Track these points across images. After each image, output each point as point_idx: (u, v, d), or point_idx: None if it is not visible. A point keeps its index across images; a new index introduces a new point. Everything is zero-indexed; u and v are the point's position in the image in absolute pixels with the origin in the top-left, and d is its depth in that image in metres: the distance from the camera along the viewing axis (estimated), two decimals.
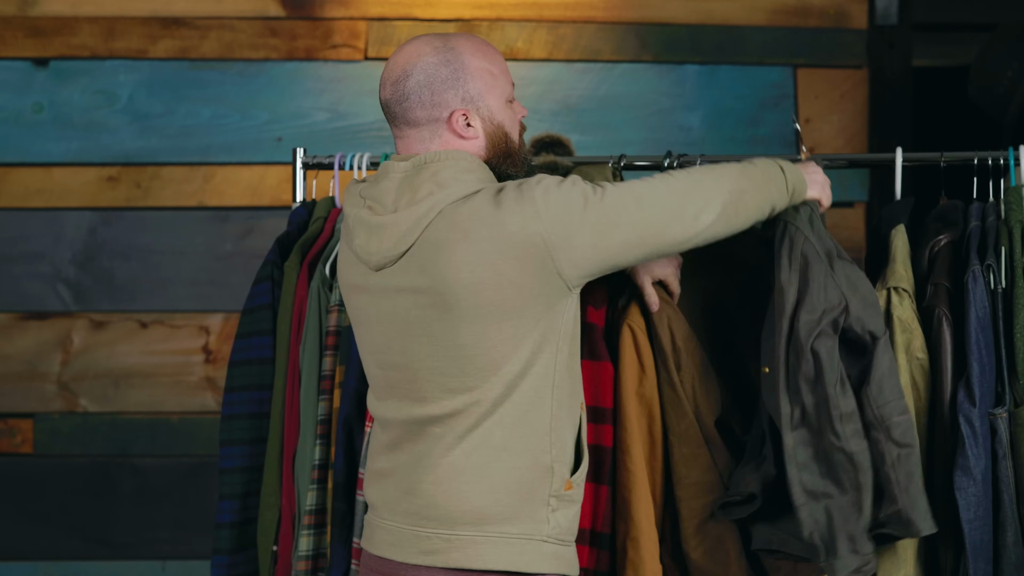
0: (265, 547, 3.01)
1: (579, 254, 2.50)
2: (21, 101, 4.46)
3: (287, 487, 2.99)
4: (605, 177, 3.00)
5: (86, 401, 4.47)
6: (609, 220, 2.50)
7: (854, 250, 4.42)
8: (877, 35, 4.52)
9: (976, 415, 2.63)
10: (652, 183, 2.56)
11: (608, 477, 2.78)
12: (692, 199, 2.56)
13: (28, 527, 4.46)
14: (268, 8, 4.50)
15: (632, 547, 2.72)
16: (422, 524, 2.56)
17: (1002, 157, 2.90)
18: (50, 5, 4.46)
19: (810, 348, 2.59)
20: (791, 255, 2.65)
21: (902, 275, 2.74)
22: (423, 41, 2.60)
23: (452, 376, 2.54)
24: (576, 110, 4.52)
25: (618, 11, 4.53)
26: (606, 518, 2.77)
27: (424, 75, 2.56)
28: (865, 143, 4.54)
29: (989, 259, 2.70)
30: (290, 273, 3.04)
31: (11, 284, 4.47)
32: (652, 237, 2.54)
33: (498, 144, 2.61)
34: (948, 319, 2.68)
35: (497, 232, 2.47)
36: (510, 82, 2.63)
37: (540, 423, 2.54)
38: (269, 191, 4.49)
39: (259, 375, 3.06)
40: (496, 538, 2.53)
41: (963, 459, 2.63)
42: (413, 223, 2.52)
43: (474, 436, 2.53)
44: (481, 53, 2.59)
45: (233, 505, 3.05)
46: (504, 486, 2.53)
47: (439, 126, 2.58)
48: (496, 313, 2.49)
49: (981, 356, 2.65)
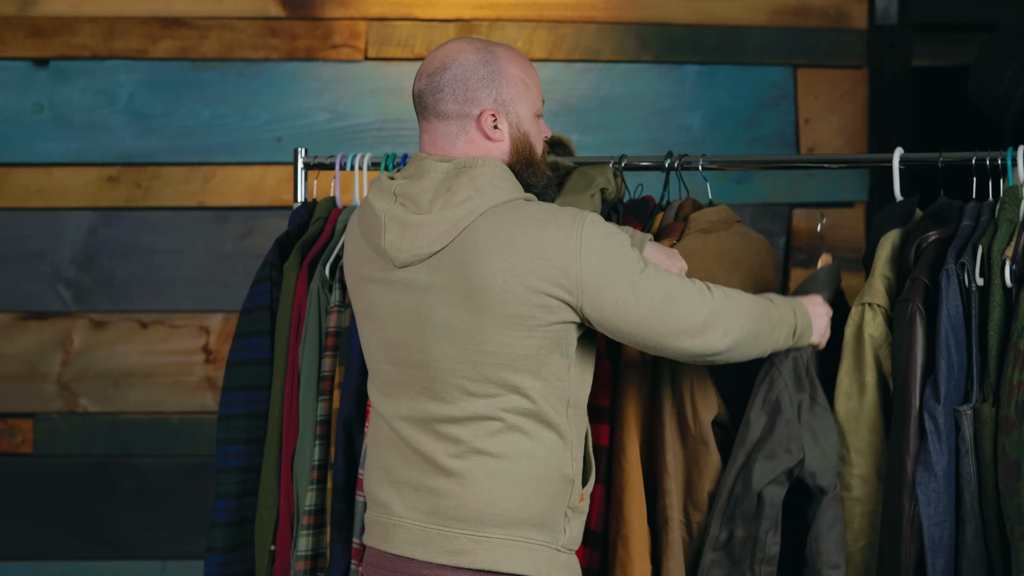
0: (263, 547, 3.02)
1: (598, 307, 2.55)
2: (21, 101, 4.46)
3: (285, 487, 2.99)
4: (606, 177, 3.00)
5: (86, 401, 4.47)
6: (632, 298, 2.55)
7: (854, 250, 4.42)
8: (877, 35, 4.52)
9: (940, 411, 2.65)
10: (689, 289, 2.61)
11: (603, 476, 2.79)
12: (713, 325, 2.60)
13: (28, 527, 4.46)
14: (268, 8, 4.50)
15: (622, 546, 2.74)
16: (449, 524, 2.57)
17: (1000, 157, 2.90)
18: (50, 5, 4.46)
19: (758, 492, 2.70)
20: (766, 396, 2.73)
21: (877, 289, 2.77)
22: (465, 41, 2.65)
23: (472, 380, 2.55)
24: (576, 110, 4.52)
25: (618, 11, 4.53)
26: (599, 517, 2.79)
27: (462, 70, 2.60)
28: (865, 143, 4.54)
29: (964, 257, 2.70)
30: (290, 274, 3.04)
31: (11, 284, 4.47)
32: (660, 337, 2.59)
33: (522, 152, 2.64)
34: (921, 314, 2.69)
35: (538, 251, 2.52)
36: (541, 99, 2.68)
37: (560, 435, 2.59)
38: (269, 191, 4.49)
39: (256, 375, 3.06)
40: (523, 543, 2.57)
41: (925, 455, 2.65)
42: (451, 224, 2.54)
43: (503, 441, 2.56)
44: (519, 63, 2.65)
45: (228, 504, 3.05)
46: (534, 493, 2.57)
47: (468, 122, 2.61)
48: (522, 326, 2.53)
49: (950, 354, 2.66)
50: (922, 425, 2.66)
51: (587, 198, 2.95)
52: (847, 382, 2.77)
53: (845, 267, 3.00)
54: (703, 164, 3.02)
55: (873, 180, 4.52)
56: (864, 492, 2.76)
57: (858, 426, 2.76)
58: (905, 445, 2.67)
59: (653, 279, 2.58)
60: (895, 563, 2.69)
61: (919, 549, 2.67)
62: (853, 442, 2.76)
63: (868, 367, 2.75)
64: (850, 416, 2.77)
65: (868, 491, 2.76)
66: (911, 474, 2.66)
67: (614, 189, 3.02)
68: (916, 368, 2.68)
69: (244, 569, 3.07)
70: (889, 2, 4.52)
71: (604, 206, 3.00)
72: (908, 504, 2.67)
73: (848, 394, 2.77)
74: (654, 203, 3.04)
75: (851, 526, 2.76)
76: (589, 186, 2.97)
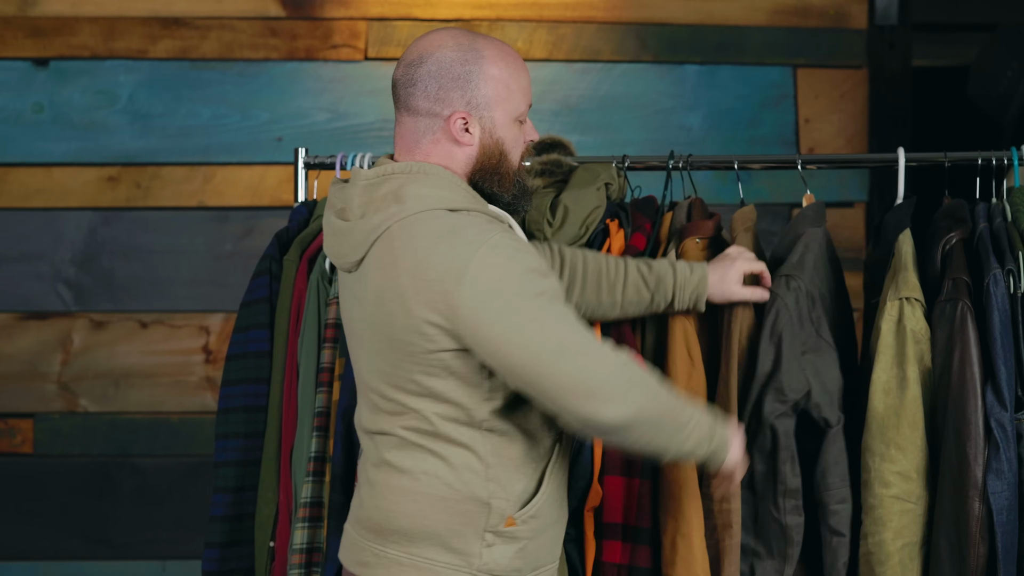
0: (262, 542, 3.01)
1: (478, 341, 2.37)
2: (21, 101, 4.46)
3: (285, 482, 2.98)
4: (610, 174, 3.00)
5: (86, 401, 4.47)
6: (517, 340, 2.35)
7: (853, 250, 4.43)
8: (877, 35, 4.52)
9: (1007, 419, 2.64)
10: (591, 346, 2.37)
11: (641, 470, 2.77)
12: (608, 393, 2.36)
13: (28, 527, 4.45)
14: (268, 8, 4.50)
15: (683, 543, 2.73)
16: (362, 534, 2.54)
17: (1005, 157, 2.90)
18: (50, 5, 4.46)
19: (770, 425, 2.70)
20: (773, 328, 2.73)
21: (914, 284, 2.74)
22: (449, 33, 2.52)
23: (379, 395, 2.49)
24: (576, 110, 4.52)
25: (618, 11, 4.53)
26: (641, 512, 2.77)
27: (437, 66, 2.48)
28: (865, 143, 4.54)
29: (1008, 263, 2.69)
30: (289, 267, 3.03)
31: (11, 284, 4.47)
32: (545, 388, 2.36)
33: (490, 159, 2.50)
34: (972, 314, 2.67)
35: (421, 271, 2.37)
36: (526, 102, 2.52)
37: (475, 454, 2.45)
38: (269, 191, 4.49)
39: (256, 368, 3.05)
40: (422, 563, 2.47)
41: (997, 463, 2.63)
42: (365, 235, 2.46)
43: (406, 456, 2.47)
44: (504, 63, 2.49)
45: (226, 499, 3.05)
46: (433, 513, 2.46)
47: (436, 122, 2.48)
48: (405, 351, 2.41)
49: (1007, 358, 2.65)
50: (989, 430, 2.63)
51: (593, 191, 2.95)
52: (885, 378, 2.72)
53: (846, 267, 3.00)
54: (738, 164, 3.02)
55: (873, 180, 4.52)
56: (904, 489, 2.70)
57: (899, 421, 2.71)
58: (971, 448, 2.64)
59: (551, 324, 2.36)
60: (960, 565, 2.65)
61: (987, 553, 2.65)
62: (893, 438, 2.71)
63: (910, 362, 2.71)
64: (890, 412, 2.71)
65: (908, 488, 2.71)
66: (980, 479, 2.63)
67: (618, 187, 3.02)
68: (974, 369, 2.65)
69: (242, 566, 3.05)
70: (889, 2, 4.52)
71: (609, 204, 3.00)
72: (979, 506, 2.64)
73: (887, 390, 2.72)
74: (657, 203, 3.04)
75: (889, 524, 2.70)
76: (595, 180, 2.97)
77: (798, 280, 2.75)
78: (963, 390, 2.66)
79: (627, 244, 2.94)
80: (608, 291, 2.77)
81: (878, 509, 2.70)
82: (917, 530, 2.71)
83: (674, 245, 2.90)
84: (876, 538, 2.70)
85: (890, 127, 4.52)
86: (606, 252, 2.91)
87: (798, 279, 2.75)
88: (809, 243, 2.81)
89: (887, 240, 2.84)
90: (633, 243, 2.94)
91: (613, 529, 2.77)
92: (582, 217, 2.93)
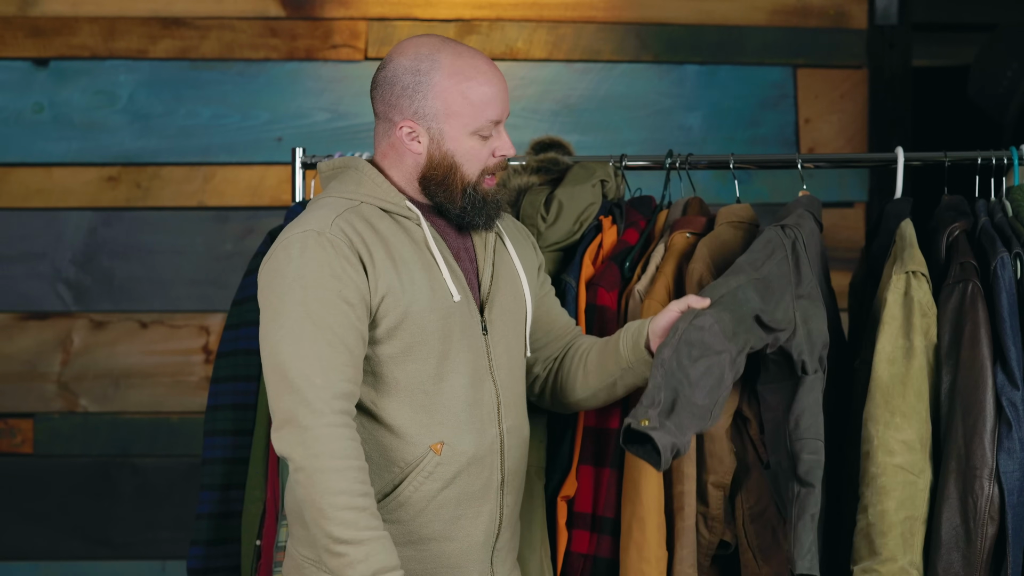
0: (248, 541, 3.00)
1: None
2: (21, 101, 4.46)
3: (272, 480, 2.98)
4: (606, 171, 3.01)
5: (86, 401, 4.47)
6: (264, 330, 2.49)
7: (853, 250, 4.42)
8: (877, 35, 4.52)
9: (1019, 398, 2.63)
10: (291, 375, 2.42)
11: (611, 460, 2.76)
12: (282, 429, 2.44)
13: (28, 527, 4.45)
14: (268, 8, 4.50)
15: (638, 528, 2.70)
16: None
17: (1005, 157, 2.90)
18: (50, 5, 4.46)
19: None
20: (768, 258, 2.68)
21: (920, 260, 2.73)
22: (415, 42, 2.55)
23: None
24: (576, 110, 4.52)
25: (618, 11, 4.53)
26: (608, 502, 2.76)
27: (391, 74, 2.53)
28: (865, 143, 4.54)
29: (1016, 248, 2.69)
30: None
31: (11, 284, 4.47)
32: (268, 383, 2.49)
33: (438, 171, 2.53)
34: (982, 295, 2.66)
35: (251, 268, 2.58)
36: (489, 116, 2.51)
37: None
38: (269, 191, 4.49)
39: (245, 366, 3.05)
40: None
41: (1008, 442, 2.63)
42: None
43: None
44: (464, 76, 2.50)
45: (212, 496, 3.04)
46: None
47: (390, 127, 2.55)
48: None
49: (1017, 339, 2.64)
50: (1000, 408, 2.63)
51: (588, 188, 2.96)
52: (889, 348, 2.69)
53: (846, 267, 3.00)
54: (734, 163, 3.01)
55: (873, 180, 4.52)
56: (908, 460, 2.66)
57: (904, 390, 2.68)
58: (981, 426, 2.63)
59: (287, 338, 2.44)
60: (965, 546, 2.63)
61: (995, 534, 2.63)
62: (899, 406, 2.67)
63: (917, 332, 2.69)
64: (895, 380, 2.68)
65: (912, 459, 2.66)
66: (992, 459, 2.62)
67: (614, 185, 3.02)
68: (984, 349, 2.65)
69: (227, 564, 3.05)
70: (889, 2, 4.52)
71: (605, 202, 3.00)
72: (989, 486, 2.62)
73: (891, 359, 2.69)
74: (655, 204, 3.04)
75: (892, 494, 2.65)
76: (591, 177, 2.98)
77: (795, 231, 2.70)
78: (973, 368, 2.65)
79: (619, 239, 2.95)
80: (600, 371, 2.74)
81: (881, 478, 2.65)
82: (920, 505, 2.66)
83: (664, 239, 2.90)
84: (878, 508, 2.64)
85: (890, 127, 4.52)
86: (597, 247, 2.92)
87: (795, 230, 2.71)
88: (803, 215, 2.78)
89: (888, 228, 2.84)
90: (625, 238, 2.94)
91: (583, 519, 2.77)
92: (576, 213, 2.94)
